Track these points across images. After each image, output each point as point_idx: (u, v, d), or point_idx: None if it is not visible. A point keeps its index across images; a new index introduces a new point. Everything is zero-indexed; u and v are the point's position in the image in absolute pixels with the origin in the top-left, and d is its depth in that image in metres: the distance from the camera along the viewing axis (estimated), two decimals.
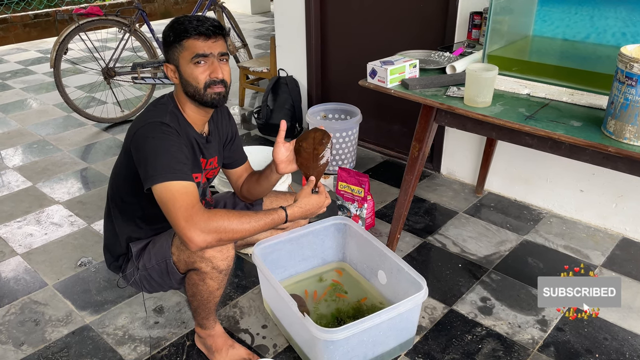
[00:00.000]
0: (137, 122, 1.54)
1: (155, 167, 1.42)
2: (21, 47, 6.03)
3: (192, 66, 1.52)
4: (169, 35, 1.53)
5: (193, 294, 1.63)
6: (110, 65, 3.69)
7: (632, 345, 1.84)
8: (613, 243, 2.39)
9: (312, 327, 1.54)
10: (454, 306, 2.03)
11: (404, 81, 1.95)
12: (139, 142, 1.48)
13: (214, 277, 1.57)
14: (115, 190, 1.68)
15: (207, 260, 1.52)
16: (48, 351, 1.85)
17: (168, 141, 1.47)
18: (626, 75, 1.43)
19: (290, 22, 3.42)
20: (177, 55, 1.53)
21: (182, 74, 1.54)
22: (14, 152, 3.41)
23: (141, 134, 1.49)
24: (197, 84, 1.53)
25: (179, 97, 1.60)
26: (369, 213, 2.49)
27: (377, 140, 3.35)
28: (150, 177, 1.42)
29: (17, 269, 2.27)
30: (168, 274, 1.64)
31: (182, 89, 1.56)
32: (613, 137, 1.52)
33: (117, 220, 1.69)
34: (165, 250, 1.61)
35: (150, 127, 1.49)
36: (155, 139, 1.46)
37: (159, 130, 1.48)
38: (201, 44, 1.50)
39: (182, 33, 1.50)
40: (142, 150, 1.47)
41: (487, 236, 2.45)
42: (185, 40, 1.50)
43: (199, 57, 1.50)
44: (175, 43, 1.51)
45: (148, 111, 1.57)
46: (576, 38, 1.97)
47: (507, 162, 2.69)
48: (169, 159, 1.44)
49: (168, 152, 1.45)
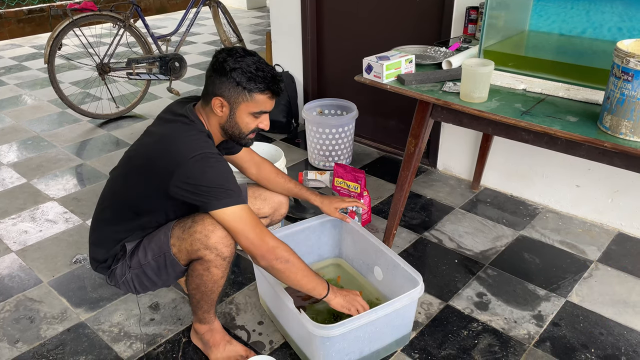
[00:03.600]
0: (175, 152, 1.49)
1: (222, 194, 1.48)
2: (15, 43, 5.99)
3: (250, 117, 1.57)
4: (238, 77, 1.50)
5: (197, 285, 1.62)
6: (105, 61, 3.67)
7: (628, 340, 1.85)
8: (609, 238, 2.39)
9: (308, 323, 1.54)
10: (450, 302, 2.03)
11: (399, 76, 1.94)
12: (191, 175, 1.47)
13: (218, 265, 1.57)
14: (127, 205, 1.63)
15: (212, 247, 1.53)
16: (43, 348, 1.84)
17: (222, 168, 1.52)
18: (622, 70, 1.43)
19: (286, 17, 3.41)
20: (240, 99, 1.53)
21: (235, 118, 1.56)
22: (8, 148, 3.38)
23: (192, 169, 1.47)
24: (246, 131, 1.60)
25: (210, 121, 1.60)
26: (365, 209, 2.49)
27: (373, 136, 3.34)
28: (215, 205, 1.48)
29: (11, 266, 2.26)
30: (166, 268, 1.63)
31: (223, 124, 1.58)
32: (609, 132, 1.52)
33: (121, 229, 1.65)
34: (163, 244, 1.60)
35: (203, 158, 1.48)
36: (213, 168, 1.49)
37: (212, 159, 1.50)
38: (269, 102, 1.56)
39: (258, 86, 1.51)
40: (198, 182, 1.47)
41: (483, 232, 2.45)
42: (256, 94, 1.52)
43: (262, 113, 1.57)
44: (245, 90, 1.51)
45: (183, 139, 1.52)
46: (572, 33, 1.96)
47: (503, 157, 2.69)
48: (231, 184, 1.51)
49: (228, 179, 1.51)
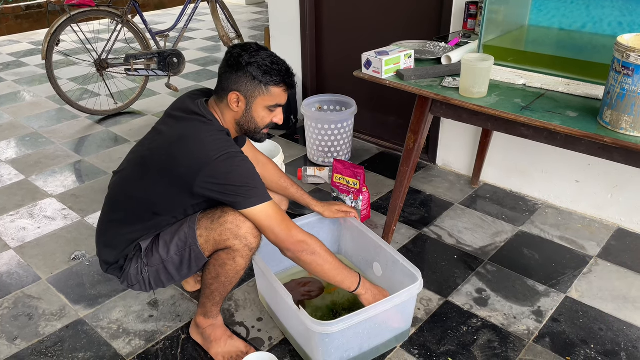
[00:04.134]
0: (199, 152, 1.49)
1: (251, 192, 1.51)
2: (13, 39, 5.97)
3: (266, 111, 1.59)
4: (254, 69, 1.51)
5: (217, 274, 1.62)
6: (103, 57, 3.66)
7: (628, 335, 1.85)
8: (608, 234, 2.39)
9: (308, 320, 1.54)
10: (449, 298, 2.03)
11: (399, 72, 1.93)
12: (218, 175, 1.48)
13: (245, 255, 1.59)
14: (146, 206, 1.61)
15: (242, 237, 1.55)
16: (42, 345, 1.84)
17: (248, 166, 1.53)
18: (623, 64, 1.42)
19: (285, 13, 3.39)
20: (256, 93, 1.54)
21: (252, 112, 1.58)
22: (6, 145, 3.37)
23: (220, 168, 1.48)
24: (262, 125, 1.61)
25: (225, 117, 1.60)
26: (364, 205, 2.48)
27: (372, 131, 3.33)
28: (244, 203, 1.51)
29: (10, 263, 2.26)
30: (189, 262, 1.62)
31: (239, 119, 1.59)
32: (609, 127, 1.51)
33: (137, 230, 1.63)
34: (188, 237, 1.59)
35: (227, 159, 1.49)
36: (239, 167, 1.50)
37: (238, 159, 1.51)
38: (283, 96, 1.59)
39: (274, 79, 1.53)
40: (226, 182, 1.49)
41: (483, 227, 2.45)
42: (273, 87, 1.55)
43: (278, 106, 1.59)
44: (262, 83, 1.53)
45: (205, 139, 1.51)
46: (572, 28, 1.95)
47: (502, 153, 2.68)
48: (258, 183, 1.53)
49: (254, 177, 1.53)
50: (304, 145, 3.25)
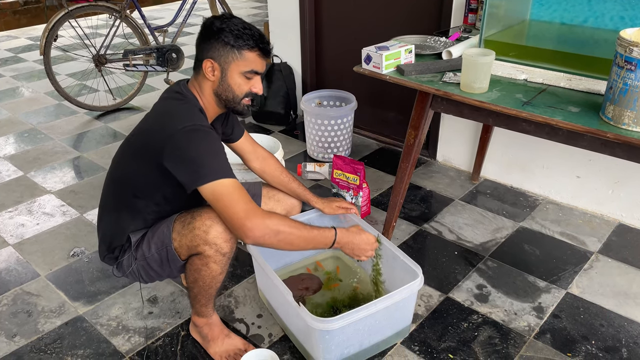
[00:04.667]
0: (169, 125, 1.48)
1: (211, 166, 1.45)
2: (11, 35, 5.94)
3: (242, 78, 1.55)
4: (226, 36, 1.49)
5: (195, 279, 1.61)
6: (101, 52, 3.64)
7: (628, 331, 1.84)
8: (609, 229, 2.38)
9: (308, 316, 1.53)
10: (450, 294, 2.02)
11: (399, 67, 1.92)
12: (181, 146, 1.45)
13: (218, 261, 1.56)
14: (127, 187, 1.62)
15: (211, 243, 1.52)
16: (41, 342, 1.83)
17: (213, 142, 1.49)
18: (625, 59, 1.40)
19: (284, 7, 3.37)
20: (229, 59, 1.52)
21: (227, 79, 1.54)
22: (4, 141, 3.36)
23: (182, 139, 1.45)
24: (240, 93, 1.57)
25: (204, 92, 1.58)
26: (364, 201, 2.47)
27: (372, 127, 3.32)
28: (204, 176, 1.44)
29: (8, 260, 2.25)
30: (168, 262, 1.61)
31: (216, 88, 1.56)
32: (611, 122, 1.50)
33: (124, 215, 1.64)
34: (165, 237, 1.59)
35: (192, 130, 1.46)
36: (200, 140, 1.47)
37: (201, 131, 1.48)
38: (259, 61, 1.55)
39: (247, 43, 1.50)
40: (187, 153, 1.45)
41: (483, 223, 2.44)
42: (246, 51, 1.51)
43: (254, 73, 1.55)
44: (234, 48, 1.50)
45: (176, 112, 1.51)
46: (574, 22, 1.94)
47: (503, 148, 2.67)
48: (220, 159, 1.48)
49: (217, 152, 1.48)
50: (303, 141, 3.24)
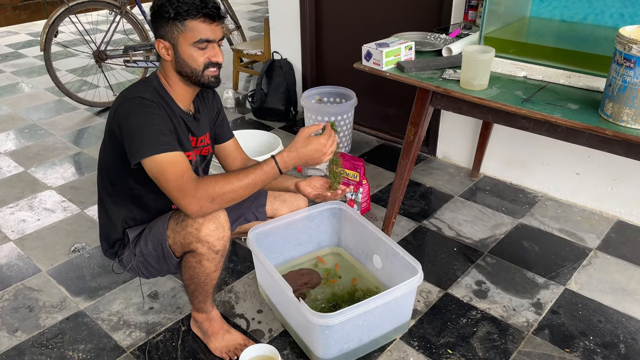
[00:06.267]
0: (118, 100, 1.51)
1: (142, 141, 1.42)
2: (11, 30, 5.93)
3: (193, 49, 1.48)
4: (166, 10, 1.45)
5: (190, 277, 1.62)
6: (102, 48, 3.64)
7: (626, 327, 1.85)
8: (608, 226, 2.39)
9: (308, 312, 1.54)
10: (449, 290, 2.03)
11: (399, 64, 1.92)
12: (122, 119, 1.46)
13: (211, 259, 1.56)
14: (104, 174, 1.65)
15: (203, 241, 1.51)
16: (42, 337, 1.84)
17: (150, 114, 1.45)
18: (624, 57, 1.41)
19: (284, 4, 3.37)
20: (175, 34, 1.47)
21: (180, 54, 1.50)
22: (5, 137, 3.36)
23: (123, 111, 1.46)
24: (197, 66, 1.51)
25: (168, 74, 1.55)
26: (364, 197, 2.48)
27: (372, 123, 3.32)
28: (137, 152, 1.42)
29: (10, 255, 2.26)
30: (165, 259, 1.62)
31: (175, 67, 1.53)
32: (610, 120, 1.50)
33: (110, 205, 1.67)
34: (160, 235, 1.59)
35: (132, 102, 1.46)
36: (137, 113, 1.44)
37: (140, 104, 1.45)
38: (206, 28, 1.47)
39: (186, 12, 1.44)
40: (125, 127, 1.44)
41: (483, 220, 2.45)
42: (188, 21, 1.45)
43: (203, 42, 1.48)
44: (176, 21, 1.45)
45: (129, 89, 1.53)
46: (574, 19, 1.94)
47: (503, 145, 2.68)
48: (154, 132, 1.43)
49: (152, 126, 1.43)
50: None
